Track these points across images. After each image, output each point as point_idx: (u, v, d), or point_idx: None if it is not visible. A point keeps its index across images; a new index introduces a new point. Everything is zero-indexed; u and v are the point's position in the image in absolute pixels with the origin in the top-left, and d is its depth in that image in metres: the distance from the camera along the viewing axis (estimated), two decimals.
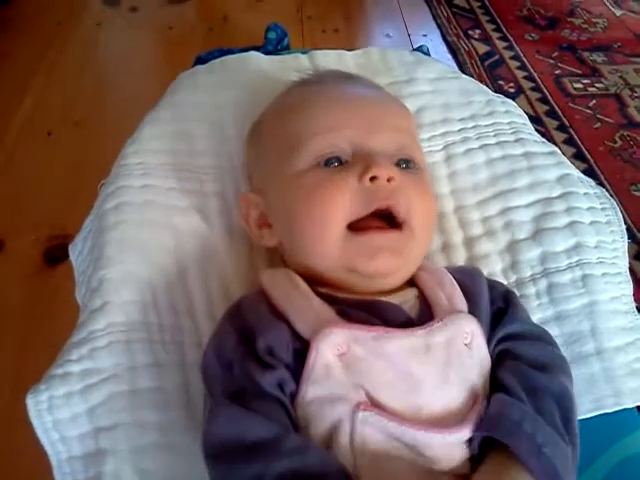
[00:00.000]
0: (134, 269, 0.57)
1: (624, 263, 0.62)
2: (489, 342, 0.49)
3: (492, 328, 0.50)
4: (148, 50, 1.62)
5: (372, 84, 0.59)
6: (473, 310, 0.49)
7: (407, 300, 0.50)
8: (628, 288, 0.61)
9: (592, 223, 0.63)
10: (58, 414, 0.50)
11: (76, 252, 0.64)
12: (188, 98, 0.69)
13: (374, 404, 0.43)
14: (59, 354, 0.53)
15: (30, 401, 0.50)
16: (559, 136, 1.29)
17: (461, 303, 0.49)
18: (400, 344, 0.45)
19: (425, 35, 1.64)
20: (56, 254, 1.05)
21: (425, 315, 0.48)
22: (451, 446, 0.43)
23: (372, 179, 0.48)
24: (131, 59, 1.54)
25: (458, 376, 0.45)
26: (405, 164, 0.52)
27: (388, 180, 0.48)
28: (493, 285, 0.54)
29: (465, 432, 0.43)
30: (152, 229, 0.59)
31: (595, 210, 0.64)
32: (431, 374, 0.45)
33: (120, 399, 0.51)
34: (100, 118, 1.33)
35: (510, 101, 0.74)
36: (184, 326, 0.56)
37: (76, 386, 0.51)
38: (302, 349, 0.45)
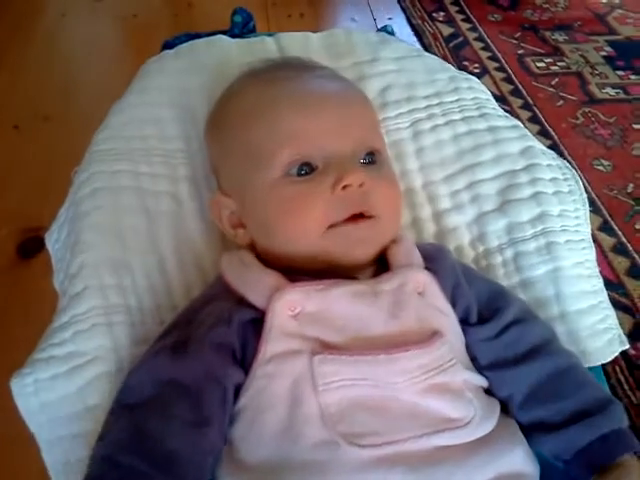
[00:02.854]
0: (112, 253, 0.58)
1: (586, 230, 0.65)
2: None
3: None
4: (114, 39, 1.61)
5: (335, 76, 0.60)
6: (431, 268, 0.53)
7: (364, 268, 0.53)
8: (591, 254, 0.64)
9: (555, 193, 0.65)
10: (45, 396, 0.51)
11: (52, 240, 0.64)
12: (156, 83, 0.69)
13: (329, 349, 0.47)
14: (41, 339, 0.54)
15: (15, 385, 0.51)
16: (524, 114, 1.32)
17: (417, 261, 0.53)
18: (346, 289, 0.49)
19: (390, 18, 1.65)
20: (30, 247, 1.06)
21: (380, 273, 0.52)
22: (407, 371, 0.46)
23: (344, 187, 0.50)
24: (97, 49, 1.53)
25: (409, 315, 0.49)
26: (370, 158, 0.54)
27: (360, 185, 0.50)
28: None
29: (414, 353, 0.47)
30: (127, 214, 0.60)
31: (557, 181, 0.67)
32: (380, 313, 0.48)
33: (105, 379, 0.52)
34: (69, 109, 1.32)
35: (473, 77, 0.76)
36: (163, 306, 0.58)
37: (61, 368, 0.52)
38: (259, 317, 0.48)
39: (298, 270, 0.51)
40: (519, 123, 0.72)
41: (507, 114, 0.73)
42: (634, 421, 0.83)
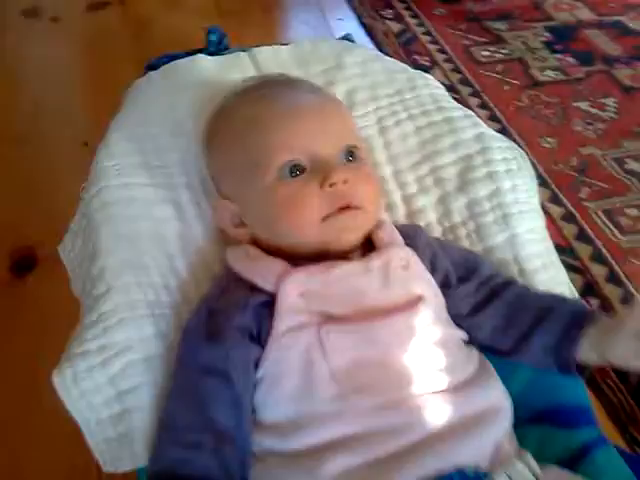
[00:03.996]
0: (128, 257, 0.65)
1: (535, 200, 0.75)
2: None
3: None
4: (74, 60, 1.63)
5: (313, 88, 0.69)
6: (410, 244, 0.63)
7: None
8: (541, 220, 0.74)
9: (506, 171, 0.75)
10: (83, 386, 0.59)
11: (66, 250, 0.72)
12: (147, 102, 0.77)
13: (333, 320, 0.56)
14: (73, 337, 0.61)
15: (56, 378, 0.59)
16: (473, 101, 1.43)
17: (398, 240, 0.63)
18: (342, 268, 0.58)
19: (341, 19, 1.74)
20: (24, 264, 1.11)
21: (368, 253, 0.61)
22: (401, 332, 0.56)
23: (331, 185, 0.59)
24: (57, 70, 1.56)
25: (397, 286, 0.59)
26: (351, 156, 0.63)
27: (344, 182, 0.59)
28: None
29: (403, 317, 0.57)
30: (136, 222, 0.68)
31: (508, 160, 0.76)
32: (372, 286, 0.58)
33: (136, 366, 0.61)
34: (38, 131, 1.35)
35: (428, 75, 0.86)
36: (178, 300, 0.66)
37: (95, 360, 0.59)
38: (270, 300, 0.57)
39: (298, 257, 0.60)
40: (471, 113, 0.82)
41: (460, 105, 0.83)
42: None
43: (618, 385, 0.94)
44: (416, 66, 1.23)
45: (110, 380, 0.60)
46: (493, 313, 0.63)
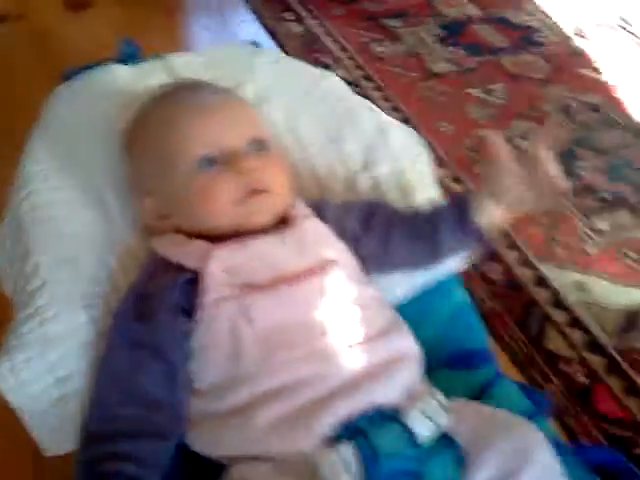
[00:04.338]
0: (60, 253, 0.70)
1: (427, 168, 0.85)
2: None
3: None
4: None
5: (219, 89, 0.75)
6: (319, 216, 0.71)
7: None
8: (436, 191, 0.83)
9: (402, 146, 0.84)
10: (22, 376, 0.62)
11: None
12: (68, 109, 0.81)
13: (255, 289, 0.62)
14: (10, 330, 0.64)
15: None
16: (376, 94, 1.52)
17: (308, 213, 0.71)
18: (260, 241, 0.65)
19: (243, 21, 1.79)
20: None
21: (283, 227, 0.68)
22: (316, 293, 0.63)
23: (240, 172, 0.66)
24: None
25: (310, 252, 0.66)
26: (259, 146, 0.69)
27: (252, 169, 0.66)
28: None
29: (318, 280, 0.64)
30: (66, 221, 0.73)
31: (406, 139, 0.85)
32: (289, 255, 0.65)
33: (72, 353, 0.65)
34: None
35: (331, 73, 0.94)
36: (107, 290, 0.70)
37: (34, 351, 0.64)
38: (195, 277, 0.63)
39: (219, 238, 0.65)
40: (373, 105, 0.90)
41: (363, 98, 0.91)
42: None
43: (518, 334, 1.06)
44: (319, 65, 1.31)
45: (48, 369, 0.64)
46: (399, 238, 0.71)
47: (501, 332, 1.06)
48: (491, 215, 0.67)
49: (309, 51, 1.65)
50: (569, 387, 1.02)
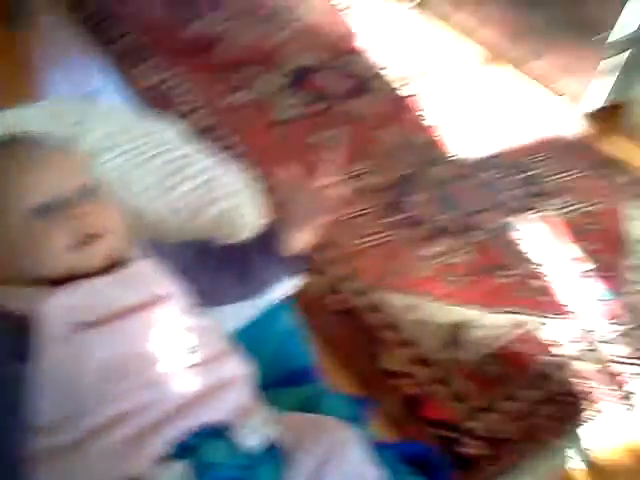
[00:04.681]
0: None
1: (257, 207, 0.95)
2: None
3: None
4: None
5: (50, 141, 0.78)
6: (148, 256, 0.77)
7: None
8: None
9: (233, 187, 0.94)
10: None
11: None
12: None
13: (90, 327, 0.67)
14: None
15: None
16: (224, 142, 1.61)
17: (140, 255, 0.76)
18: (95, 282, 0.69)
19: (97, 72, 1.80)
20: None
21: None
22: (148, 326, 0.70)
23: (75, 220, 0.70)
24: None
25: (142, 289, 0.72)
26: (91, 192, 0.74)
27: (83, 214, 0.70)
28: None
29: (148, 314, 0.70)
30: None
31: (236, 181, 0.96)
32: (121, 292, 0.70)
33: None
34: None
35: (167, 121, 1.02)
36: None
37: None
38: (23, 322, 0.65)
39: (54, 282, 0.69)
40: (208, 151, 0.99)
41: (197, 145, 0.99)
42: None
43: (357, 354, 1.20)
44: (170, 114, 1.38)
45: None
46: (227, 275, 0.81)
47: (341, 353, 1.18)
48: (298, 240, 0.78)
49: (162, 101, 1.72)
50: (402, 397, 1.16)
